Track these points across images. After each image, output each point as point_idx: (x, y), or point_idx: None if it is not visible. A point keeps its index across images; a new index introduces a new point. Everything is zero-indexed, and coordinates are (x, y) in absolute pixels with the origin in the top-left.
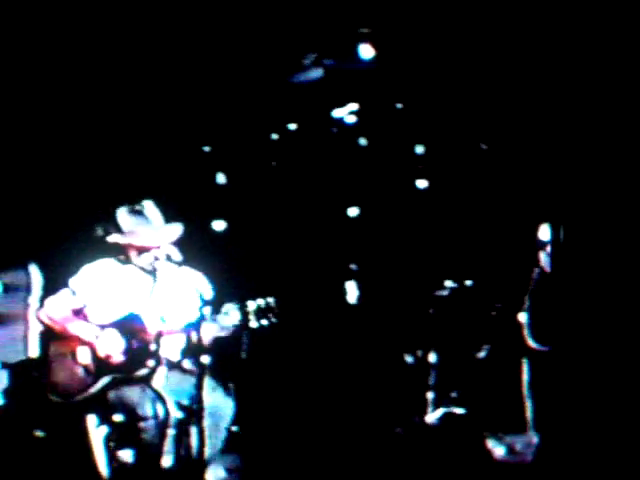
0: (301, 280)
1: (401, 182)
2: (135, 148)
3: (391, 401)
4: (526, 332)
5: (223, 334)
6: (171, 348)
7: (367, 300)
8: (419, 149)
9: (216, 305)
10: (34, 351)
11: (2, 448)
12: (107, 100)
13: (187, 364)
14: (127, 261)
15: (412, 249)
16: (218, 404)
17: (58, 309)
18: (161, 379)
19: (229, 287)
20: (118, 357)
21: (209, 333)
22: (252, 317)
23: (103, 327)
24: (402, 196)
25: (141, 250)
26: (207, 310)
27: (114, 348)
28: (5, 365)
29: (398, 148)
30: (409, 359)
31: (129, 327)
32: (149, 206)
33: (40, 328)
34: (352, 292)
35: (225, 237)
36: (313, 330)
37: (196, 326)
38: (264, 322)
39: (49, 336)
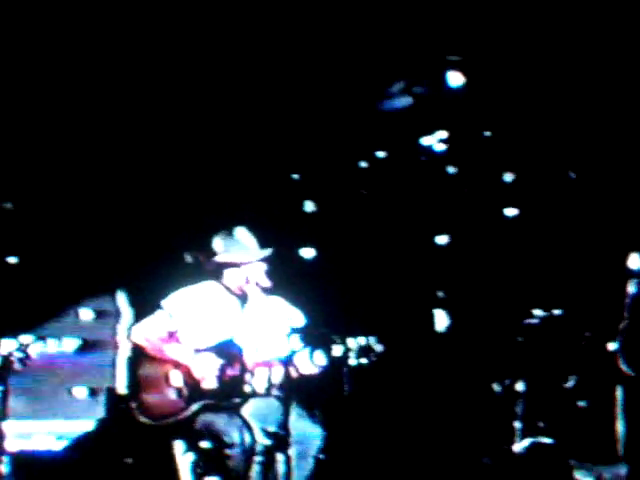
0: (393, 311)
1: (490, 210)
2: (228, 176)
3: (479, 430)
4: (619, 359)
5: (318, 369)
6: (261, 377)
7: (456, 329)
8: (508, 177)
9: (309, 338)
10: (123, 376)
11: (92, 474)
12: (201, 131)
13: (275, 392)
14: (220, 287)
15: (501, 278)
16: (305, 432)
17: (153, 331)
18: (249, 407)
19: (319, 320)
20: (211, 382)
21: (303, 366)
22: (352, 355)
23: (198, 351)
24: (491, 224)
25: (233, 276)
26: (298, 342)
27: (208, 373)
28: (95, 391)
29: (487, 176)
30: (497, 388)
31: (224, 353)
32: (242, 232)
33: (130, 353)
34: (441, 321)
35: (314, 266)
36: (404, 361)
37: (287, 358)
38: (364, 360)
39: (141, 359)
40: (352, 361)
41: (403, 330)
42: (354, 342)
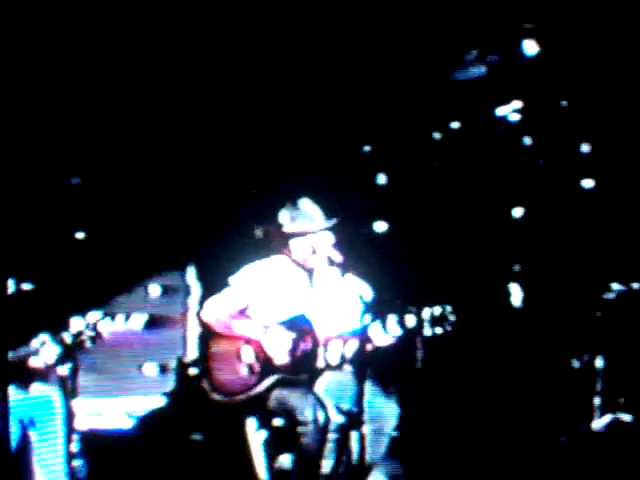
0: (468, 284)
1: (566, 181)
2: (296, 148)
3: (556, 407)
4: None
5: (391, 341)
6: (334, 352)
7: (532, 303)
8: (585, 147)
9: (382, 310)
10: (193, 353)
11: (163, 452)
12: (269, 100)
13: (350, 368)
14: (288, 261)
15: (578, 251)
16: (381, 409)
17: (223, 308)
18: (323, 383)
19: (391, 292)
20: (283, 358)
21: (377, 339)
22: (426, 325)
23: (269, 327)
24: (568, 196)
25: (301, 249)
26: (370, 315)
27: (280, 348)
28: (165, 368)
29: (563, 147)
30: (575, 364)
31: (295, 328)
32: (310, 205)
33: (200, 329)
34: (517, 295)
35: (386, 239)
36: (481, 337)
37: (360, 331)
38: (438, 330)
39: (211, 336)
40: (427, 331)
41: (478, 302)
42: (428, 311)
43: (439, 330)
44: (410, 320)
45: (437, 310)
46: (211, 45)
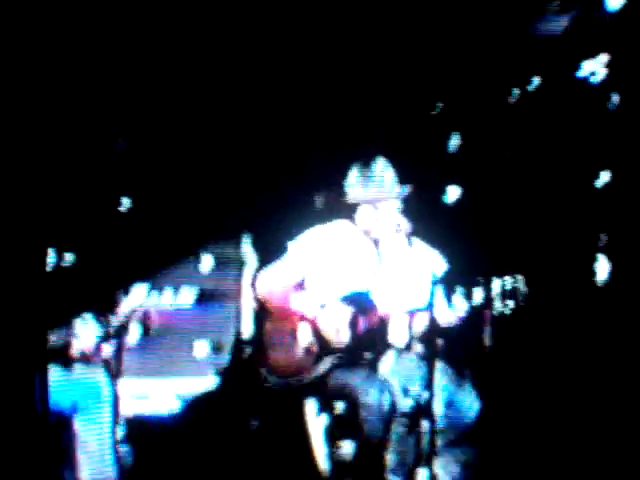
0: (547, 256)
1: None
2: (366, 105)
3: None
4: None
5: (460, 317)
6: (401, 331)
7: (619, 277)
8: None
9: (451, 283)
10: (248, 330)
11: (215, 437)
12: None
13: (418, 349)
14: (353, 228)
15: None
16: (453, 393)
17: (278, 282)
18: (389, 364)
19: (463, 264)
20: (344, 337)
21: (444, 316)
22: (496, 299)
23: (328, 303)
24: None
25: (368, 216)
26: (440, 289)
27: (340, 327)
28: (218, 347)
29: None
30: None
31: (357, 304)
32: (379, 166)
33: (255, 305)
34: (603, 268)
35: (459, 207)
36: (560, 313)
37: (429, 307)
38: (510, 304)
39: (266, 313)
40: (497, 305)
41: (561, 279)
42: (499, 283)
43: (511, 304)
44: (478, 294)
45: (508, 282)
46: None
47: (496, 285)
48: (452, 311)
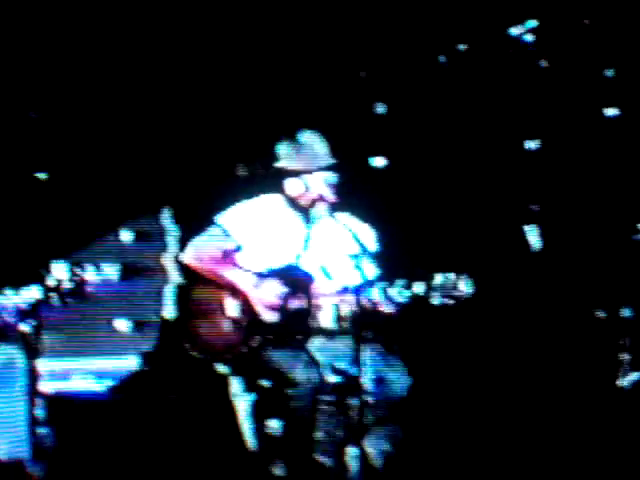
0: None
1: (588, 110)
2: (288, 72)
3: (580, 363)
4: None
5: (393, 306)
6: (330, 307)
7: (551, 247)
8: (609, 72)
9: (387, 268)
10: (172, 306)
11: (138, 417)
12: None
13: (347, 326)
14: (282, 201)
15: (602, 188)
16: (382, 370)
17: (207, 251)
18: (317, 341)
19: (396, 238)
20: (274, 313)
21: (377, 299)
22: (435, 293)
23: (259, 276)
24: (589, 126)
25: (297, 189)
26: (372, 269)
27: (271, 302)
28: (140, 324)
29: (584, 71)
30: (601, 315)
31: (288, 279)
32: (306, 137)
33: (180, 278)
34: (534, 238)
35: (389, 179)
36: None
37: (360, 284)
38: (448, 301)
39: (192, 286)
40: (435, 299)
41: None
42: (439, 277)
43: (449, 301)
44: (418, 287)
45: (451, 277)
46: None
47: (438, 279)
48: (387, 297)
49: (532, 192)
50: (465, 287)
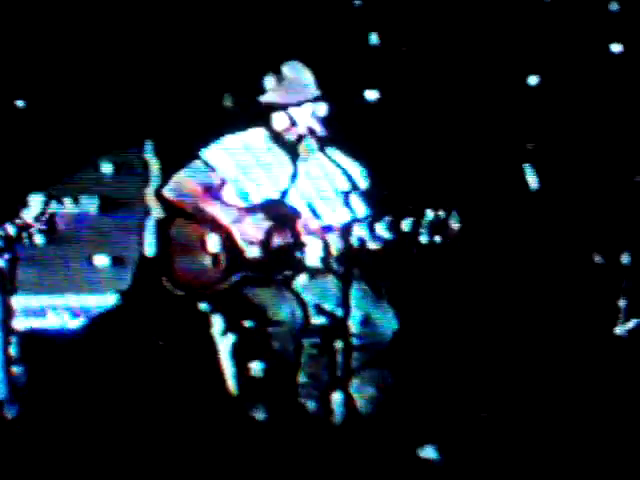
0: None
1: (592, 44)
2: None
3: (576, 310)
4: None
5: (382, 243)
6: (317, 246)
7: (549, 190)
8: (613, 6)
9: (375, 204)
10: (152, 242)
11: (115, 356)
12: None
13: (335, 266)
14: (267, 135)
15: (603, 125)
16: (369, 312)
17: (188, 184)
18: (302, 281)
19: (386, 177)
20: (256, 250)
21: (365, 237)
22: (424, 230)
23: (242, 211)
24: (592, 61)
25: (283, 122)
26: (361, 206)
27: (252, 237)
28: (118, 260)
29: (588, 5)
30: (597, 259)
31: (272, 214)
32: (292, 68)
33: (161, 212)
34: (531, 178)
35: (380, 112)
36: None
37: (348, 222)
38: (437, 238)
39: (173, 220)
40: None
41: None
42: (429, 213)
43: (438, 237)
44: (406, 224)
45: (440, 214)
46: None
47: (427, 216)
48: (374, 234)
49: (531, 129)
50: (455, 224)
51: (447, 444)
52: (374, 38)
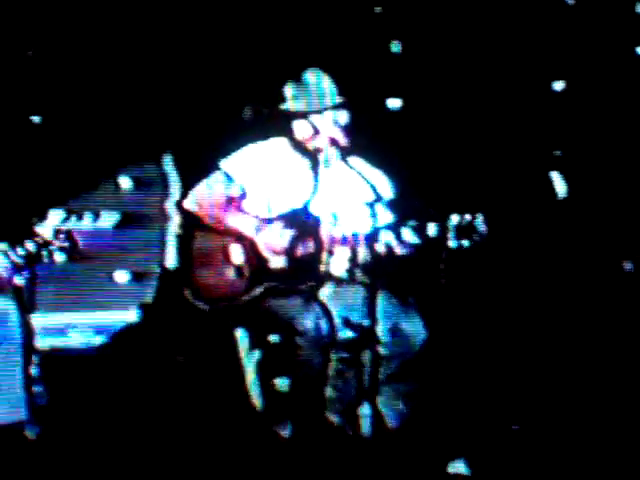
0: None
1: (621, 46)
2: (300, 15)
3: (604, 315)
4: None
5: (408, 250)
6: (342, 256)
7: (577, 195)
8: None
9: (400, 211)
10: (173, 256)
11: (138, 373)
12: None
13: (362, 277)
14: (289, 145)
15: (631, 130)
16: (397, 322)
17: (210, 195)
18: (328, 292)
19: (412, 189)
20: (280, 260)
21: (391, 245)
22: (451, 234)
23: (265, 221)
24: (623, 64)
25: (305, 131)
26: (386, 215)
27: (276, 248)
28: (139, 275)
29: (614, 8)
30: (628, 266)
31: (295, 225)
32: (313, 76)
33: (181, 225)
34: (559, 186)
35: (406, 121)
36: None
37: (373, 232)
38: (465, 242)
39: (195, 232)
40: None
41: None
42: (455, 218)
43: (466, 242)
44: (432, 228)
45: (467, 218)
46: None
47: (454, 220)
48: (401, 244)
49: (557, 136)
50: (482, 227)
51: (478, 458)
52: (396, 45)
